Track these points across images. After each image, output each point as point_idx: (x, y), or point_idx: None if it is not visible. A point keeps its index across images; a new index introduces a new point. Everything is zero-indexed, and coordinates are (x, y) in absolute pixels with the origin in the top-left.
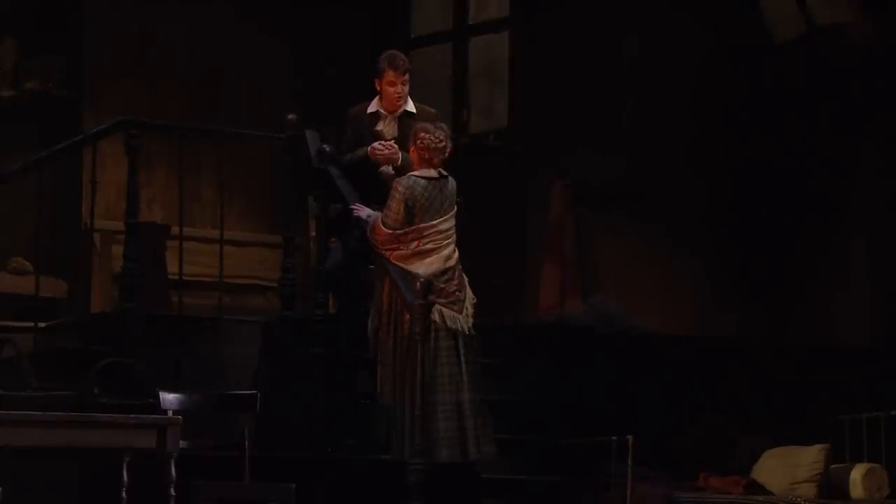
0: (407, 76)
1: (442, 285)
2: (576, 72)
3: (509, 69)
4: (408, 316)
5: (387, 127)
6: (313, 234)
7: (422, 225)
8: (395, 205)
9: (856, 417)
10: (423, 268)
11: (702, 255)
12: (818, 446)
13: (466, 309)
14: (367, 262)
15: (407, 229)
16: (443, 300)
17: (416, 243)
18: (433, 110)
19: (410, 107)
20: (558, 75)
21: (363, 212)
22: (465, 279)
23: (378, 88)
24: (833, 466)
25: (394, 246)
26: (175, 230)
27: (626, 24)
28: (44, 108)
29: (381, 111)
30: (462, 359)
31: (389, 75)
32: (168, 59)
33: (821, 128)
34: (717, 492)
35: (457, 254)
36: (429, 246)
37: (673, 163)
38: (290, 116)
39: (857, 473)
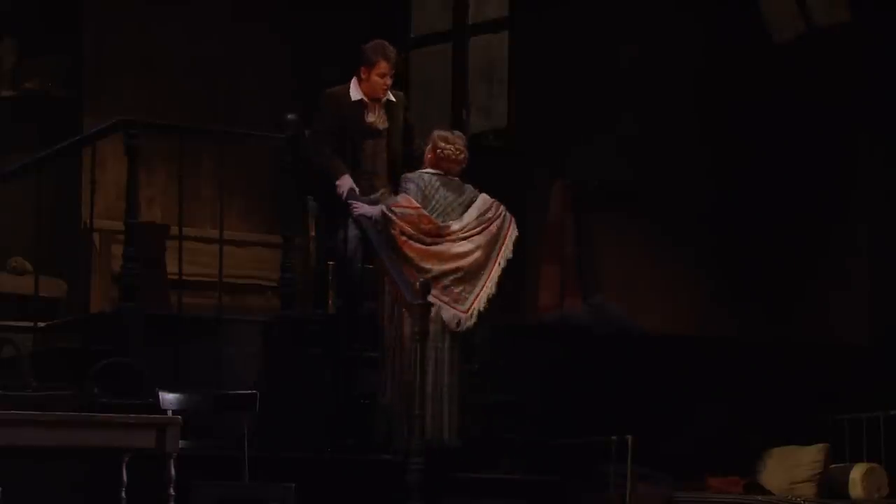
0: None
1: (447, 283)
2: (575, 71)
3: (509, 69)
4: (407, 315)
5: (378, 119)
6: (313, 233)
7: (438, 221)
8: (411, 185)
9: (855, 417)
10: (431, 263)
11: (702, 255)
12: (818, 446)
13: (473, 309)
14: (367, 262)
15: (423, 212)
16: (446, 298)
17: (429, 236)
18: (401, 92)
19: (389, 94)
20: (558, 75)
21: (362, 208)
22: (487, 282)
23: (363, 76)
24: (832, 466)
25: (413, 221)
26: (174, 230)
27: (626, 24)
28: (43, 107)
29: (366, 100)
30: (447, 344)
31: (382, 66)
32: (168, 60)
33: (820, 128)
34: (716, 491)
35: (473, 257)
36: (441, 247)
37: (673, 162)
38: (290, 116)
39: (856, 473)
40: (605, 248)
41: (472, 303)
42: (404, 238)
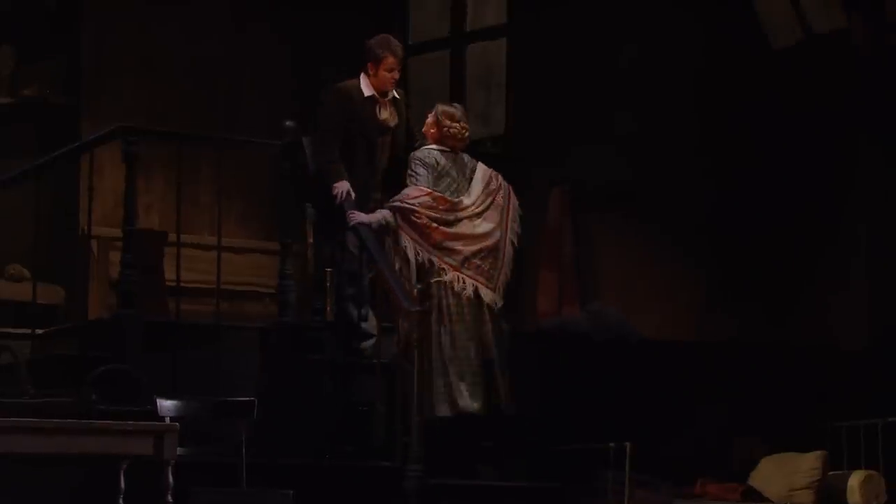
0: None
1: (478, 262)
2: (573, 77)
3: (506, 75)
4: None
5: (390, 115)
6: (311, 240)
7: (450, 197)
8: (421, 169)
9: (854, 424)
10: (461, 244)
11: (700, 259)
12: (816, 453)
13: (499, 287)
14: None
15: (437, 194)
16: (481, 279)
17: (451, 214)
18: (400, 89)
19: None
20: (556, 81)
21: (360, 216)
22: (504, 259)
23: (371, 72)
24: (831, 473)
25: (432, 206)
26: (172, 237)
27: (624, 29)
28: (42, 114)
29: (377, 96)
30: (488, 319)
31: (391, 61)
32: (166, 64)
33: (819, 132)
34: (714, 498)
35: (495, 238)
36: (463, 228)
37: (671, 167)
38: (288, 123)
39: (854, 480)
40: (604, 249)
41: (498, 280)
42: (434, 225)
